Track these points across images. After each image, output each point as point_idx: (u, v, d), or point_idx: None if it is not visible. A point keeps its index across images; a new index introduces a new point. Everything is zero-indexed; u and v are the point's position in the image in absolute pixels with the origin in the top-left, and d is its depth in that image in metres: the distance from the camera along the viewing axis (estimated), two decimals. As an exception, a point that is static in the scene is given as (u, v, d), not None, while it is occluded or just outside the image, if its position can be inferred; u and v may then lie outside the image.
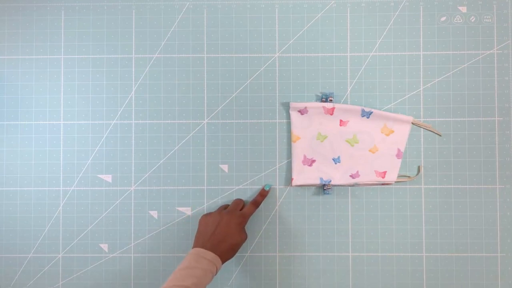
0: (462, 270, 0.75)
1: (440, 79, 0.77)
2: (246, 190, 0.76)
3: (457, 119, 0.76)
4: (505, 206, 0.75)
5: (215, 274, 0.65)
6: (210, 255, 0.65)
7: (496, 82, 0.76)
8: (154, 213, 0.76)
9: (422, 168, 0.76)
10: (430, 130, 0.76)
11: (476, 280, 0.75)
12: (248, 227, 0.76)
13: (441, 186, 0.76)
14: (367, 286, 0.75)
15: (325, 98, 0.75)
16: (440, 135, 0.76)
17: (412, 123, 0.76)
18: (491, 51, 0.76)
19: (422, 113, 0.76)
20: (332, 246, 0.76)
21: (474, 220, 0.75)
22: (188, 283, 0.61)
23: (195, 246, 0.67)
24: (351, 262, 0.76)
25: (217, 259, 0.65)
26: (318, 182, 0.75)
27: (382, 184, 0.75)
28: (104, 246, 0.76)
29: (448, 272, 0.74)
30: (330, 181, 0.75)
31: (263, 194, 0.75)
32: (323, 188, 0.75)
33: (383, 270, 0.75)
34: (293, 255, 0.76)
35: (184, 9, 0.78)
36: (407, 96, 0.76)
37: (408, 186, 0.76)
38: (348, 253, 0.76)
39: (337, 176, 0.76)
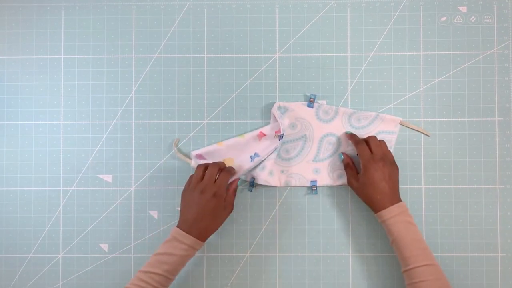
0: (462, 270, 0.75)
1: (440, 79, 0.76)
2: (246, 190, 0.76)
3: (457, 119, 0.76)
4: (506, 206, 0.75)
5: (195, 255, 0.67)
6: (189, 239, 0.65)
7: (496, 82, 0.76)
8: (154, 213, 0.76)
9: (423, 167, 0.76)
10: (418, 131, 0.76)
11: (476, 280, 0.75)
12: (248, 227, 0.76)
13: (441, 186, 0.76)
14: (367, 286, 0.75)
15: (313, 98, 0.75)
16: (429, 136, 0.76)
17: (400, 124, 0.76)
18: (491, 51, 0.76)
19: (422, 113, 0.76)
20: (332, 246, 0.76)
21: (474, 220, 0.75)
22: (160, 270, 0.63)
23: (178, 224, 0.67)
24: (351, 262, 0.76)
25: (197, 243, 0.65)
26: (305, 184, 0.76)
27: None
28: (104, 246, 0.76)
29: (448, 272, 0.74)
30: (316, 181, 0.75)
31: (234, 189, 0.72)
32: (311, 189, 0.75)
33: (383, 270, 0.75)
34: (293, 255, 0.76)
35: (184, 9, 0.78)
36: (407, 96, 0.76)
37: (408, 186, 0.76)
38: (348, 253, 0.76)
39: (323, 177, 0.76)
